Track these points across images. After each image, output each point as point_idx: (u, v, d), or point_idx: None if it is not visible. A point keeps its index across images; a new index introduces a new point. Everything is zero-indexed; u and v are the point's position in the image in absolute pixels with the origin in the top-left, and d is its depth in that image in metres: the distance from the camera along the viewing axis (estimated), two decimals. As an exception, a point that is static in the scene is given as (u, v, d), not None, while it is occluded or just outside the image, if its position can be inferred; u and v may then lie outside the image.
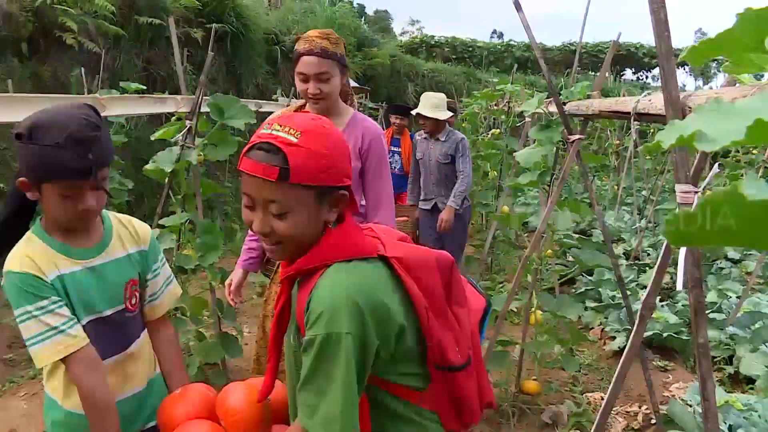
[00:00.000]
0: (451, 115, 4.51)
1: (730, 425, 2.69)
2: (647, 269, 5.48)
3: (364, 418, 1.07)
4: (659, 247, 5.73)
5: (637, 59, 26.98)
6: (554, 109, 2.63)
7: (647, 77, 28.46)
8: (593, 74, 19.65)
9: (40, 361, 1.33)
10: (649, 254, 6.09)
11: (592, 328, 4.49)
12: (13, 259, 1.36)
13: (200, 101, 2.94)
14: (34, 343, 1.31)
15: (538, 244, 2.90)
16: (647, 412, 3.11)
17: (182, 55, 3.83)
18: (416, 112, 4.37)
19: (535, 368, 3.42)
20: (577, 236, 5.48)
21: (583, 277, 5.20)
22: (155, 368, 1.64)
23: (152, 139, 3.03)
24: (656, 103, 1.52)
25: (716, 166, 1.45)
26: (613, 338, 4.12)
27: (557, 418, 3.11)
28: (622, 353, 1.67)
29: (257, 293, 4.98)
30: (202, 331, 3.19)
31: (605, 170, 10.19)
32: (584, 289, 4.98)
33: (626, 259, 5.89)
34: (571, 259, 4.85)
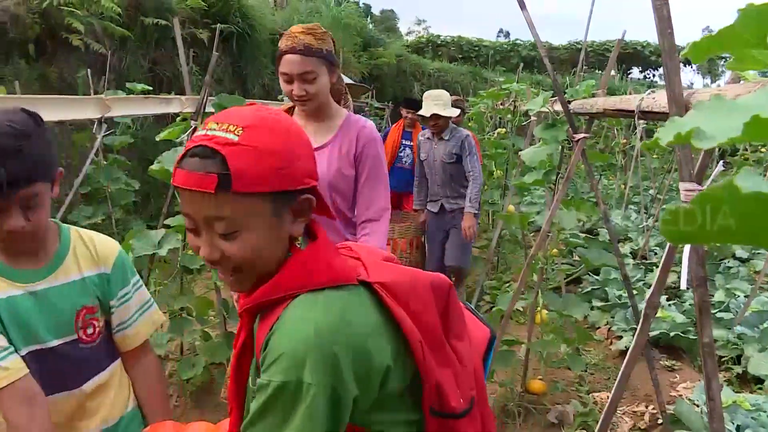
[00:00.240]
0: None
1: (738, 426, 2.67)
2: (654, 268, 5.44)
3: None
4: (666, 246, 5.70)
5: (643, 57, 26.90)
6: (559, 107, 2.62)
7: (654, 76, 28.34)
8: (600, 73, 19.57)
9: None
10: (656, 253, 6.06)
11: (598, 327, 4.48)
12: None
13: (205, 101, 2.95)
14: None
15: (543, 243, 2.89)
16: (654, 411, 3.09)
17: (188, 55, 3.84)
18: (430, 113, 4.06)
19: (540, 368, 3.40)
20: (584, 235, 5.45)
21: (589, 276, 5.18)
22: (130, 403, 1.46)
23: (158, 139, 3.05)
24: (660, 101, 1.52)
25: (720, 163, 1.44)
26: (619, 338, 4.10)
27: (563, 417, 3.10)
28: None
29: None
30: (207, 330, 3.22)
31: (612, 169, 10.14)
32: (591, 288, 4.96)
33: (633, 258, 5.87)
34: (577, 258, 4.83)
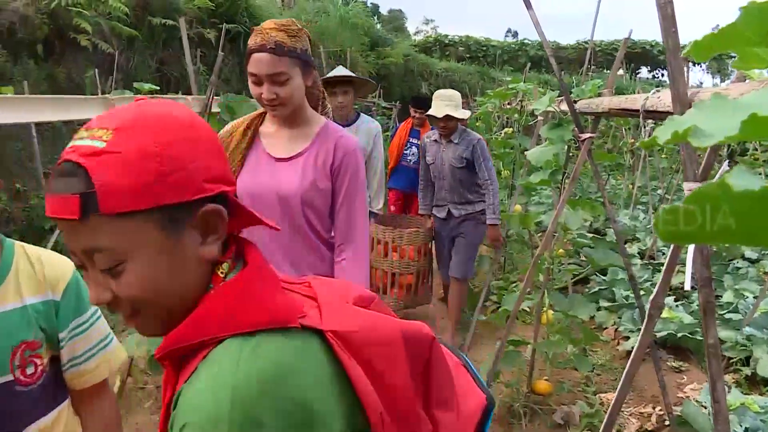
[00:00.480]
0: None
1: (746, 428, 2.65)
2: (662, 269, 5.41)
3: None
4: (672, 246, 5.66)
5: (652, 57, 26.80)
6: (565, 107, 2.61)
7: (663, 75, 28.22)
8: (608, 72, 19.52)
9: None
10: (663, 253, 6.02)
11: (605, 328, 4.45)
12: None
13: (210, 101, 2.96)
14: None
15: (549, 243, 2.88)
16: (661, 413, 3.07)
17: (195, 55, 3.86)
18: (443, 114, 3.76)
19: (546, 368, 3.40)
20: (591, 235, 5.43)
21: (596, 276, 5.16)
22: None
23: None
24: (665, 100, 1.51)
25: (725, 163, 1.43)
26: (626, 338, 4.08)
27: (569, 418, 3.09)
28: (633, 353, 1.65)
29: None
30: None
31: (620, 169, 10.09)
32: (598, 288, 4.94)
33: (641, 258, 5.83)
34: (584, 258, 4.81)
